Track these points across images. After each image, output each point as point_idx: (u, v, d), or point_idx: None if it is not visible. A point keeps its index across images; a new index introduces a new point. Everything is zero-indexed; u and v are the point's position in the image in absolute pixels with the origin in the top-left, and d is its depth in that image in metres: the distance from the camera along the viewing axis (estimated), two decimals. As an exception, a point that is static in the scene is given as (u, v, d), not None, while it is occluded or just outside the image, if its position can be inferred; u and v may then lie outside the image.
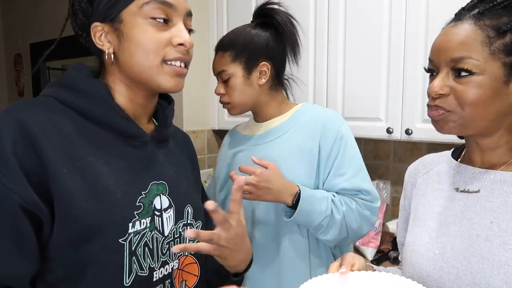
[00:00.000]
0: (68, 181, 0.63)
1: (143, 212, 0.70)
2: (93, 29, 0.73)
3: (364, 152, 2.13)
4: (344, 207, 1.15)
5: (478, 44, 0.65)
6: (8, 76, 4.41)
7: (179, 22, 0.72)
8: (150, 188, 0.73)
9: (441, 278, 0.71)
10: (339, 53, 1.77)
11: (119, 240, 0.66)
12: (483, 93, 0.65)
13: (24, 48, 4.08)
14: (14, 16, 4.22)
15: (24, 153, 0.61)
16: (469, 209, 0.72)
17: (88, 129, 0.69)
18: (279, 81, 1.24)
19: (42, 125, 0.63)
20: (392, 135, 1.65)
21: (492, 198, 0.69)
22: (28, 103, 0.66)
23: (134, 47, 0.70)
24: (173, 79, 0.73)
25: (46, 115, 0.65)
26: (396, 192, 2.04)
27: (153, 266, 0.72)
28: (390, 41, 1.63)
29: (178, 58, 0.72)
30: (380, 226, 1.84)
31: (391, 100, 1.65)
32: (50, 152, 0.62)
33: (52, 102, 0.69)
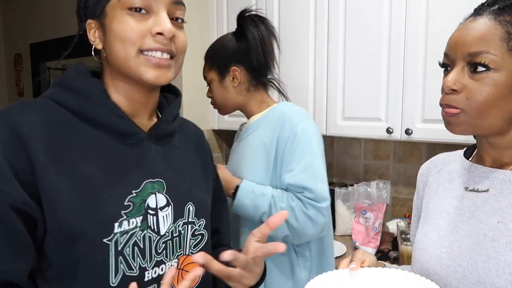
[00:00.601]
0: (55, 182, 0.64)
1: (133, 212, 0.69)
2: (88, 27, 0.73)
3: (364, 152, 2.13)
4: (284, 204, 1.18)
5: (497, 39, 0.64)
6: (8, 76, 4.41)
7: (161, 11, 0.69)
8: (144, 186, 0.72)
9: (447, 276, 0.71)
10: (339, 53, 1.77)
11: (103, 240, 0.66)
12: (496, 91, 0.64)
13: (24, 48, 4.08)
14: (14, 16, 4.22)
15: (13, 154, 0.62)
16: (478, 208, 0.72)
17: (82, 129, 0.69)
18: (258, 82, 1.33)
19: (32, 127, 0.65)
20: (392, 135, 1.65)
21: (501, 197, 0.69)
22: (22, 105, 0.68)
23: (113, 39, 0.69)
24: (153, 70, 0.70)
25: (37, 117, 0.66)
26: (396, 192, 2.04)
27: (144, 265, 0.70)
28: (390, 41, 1.63)
29: (156, 48, 0.69)
30: (380, 226, 1.84)
31: (391, 100, 1.65)
32: (39, 153, 0.63)
33: (48, 103, 0.69)
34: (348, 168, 2.20)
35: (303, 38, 1.87)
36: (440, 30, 1.47)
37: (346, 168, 2.20)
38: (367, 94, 1.71)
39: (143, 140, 0.74)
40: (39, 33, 3.85)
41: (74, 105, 0.70)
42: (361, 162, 2.15)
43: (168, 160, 0.78)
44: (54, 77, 4.15)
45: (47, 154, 0.64)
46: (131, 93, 0.74)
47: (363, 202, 1.90)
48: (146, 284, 0.70)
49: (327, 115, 1.84)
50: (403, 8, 1.59)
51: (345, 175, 2.21)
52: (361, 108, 1.73)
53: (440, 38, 1.29)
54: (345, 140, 2.20)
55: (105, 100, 0.71)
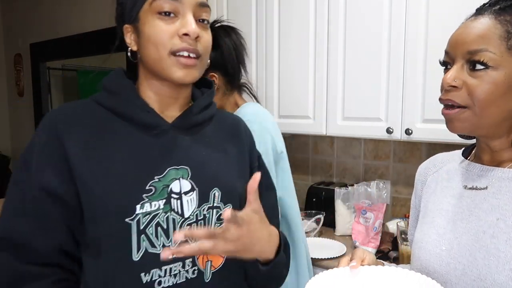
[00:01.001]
0: (85, 168, 0.74)
1: (155, 195, 0.76)
2: (124, 31, 0.83)
3: (364, 152, 2.13)
4: None
5: (496, 38, 0.65)
6: (8, 76, 4.40)
7: (187, 13, 0.76)
8: (168, 173, 0.78)
9: (447, 274, 0.72)
10: (339, 53, 1.77)
11: (126, 220, 0.73)
12: (495, 89, 0.65)
13: (24, 48, 4.08)
14: (14, 16, 4.22)
15: (50, 147, 0.75)
16: (477, 206, 0.72)
17: (114, 123, 0.79)
18: (233, 87, 1.43)
19: (67, 122, 0.77)
20: (392, 135, 1.65)
21: (500, 195, 0.70)
22: (66, 105, 0.82)
23: (146, 42, 0.77)
24: (180, 70, 0.77)
25: (74, 114, 0.79)
26: (396, 192, 2.04)
27: (168, 245, 0.76)
28: (390, 41, 1.64)
29: (183, 48, 0.76)
30: (380, 226, 1.84)
31: (391, 100, 1.65)
32: (72, 145, 0.75)
33: (88, 103, 0.82)
34: (348, 168, 2.20)
35: (303, 38, 1.87)
36: (440, 30, 1.47)
37: (346, 168, 2.20)
38: (367, 94, 1.71)
39: (167, 130, 0.81)
40: (39, 33, 3.85)
41: (109, 103, 0.80)
42: (361, 162, 2.15)
43: (195, 148, 0.83)
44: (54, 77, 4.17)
45: (81, 146, 0.75)
46: (162, 89, 0.82)
47: (363, 202, 1.90)
48: (170, 262, 0.76)
49: (327, 115, 1.84)
50: (403, 8, 1.59)
51: (345, 175, 2.21)
52: (361, 108, 1.73)
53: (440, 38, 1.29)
54: (345, 140, 2.20)
55: (134, 98, 0.81)
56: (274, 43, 1.96)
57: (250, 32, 2.01)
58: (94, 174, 0.74)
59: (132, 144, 0.78)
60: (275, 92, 1.99)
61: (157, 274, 0.76)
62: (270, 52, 1.98)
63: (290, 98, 1.95)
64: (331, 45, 1.79)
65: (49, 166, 0.74)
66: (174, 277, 0.77)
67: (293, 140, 2.38)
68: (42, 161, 0.74)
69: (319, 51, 1.83)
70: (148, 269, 0.75)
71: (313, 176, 2.33)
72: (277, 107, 1.99)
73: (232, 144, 0.91)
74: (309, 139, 2.33)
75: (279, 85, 1.98)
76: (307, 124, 1.90)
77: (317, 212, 2.02)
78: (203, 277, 0.80)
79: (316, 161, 2.32)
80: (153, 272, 0.75)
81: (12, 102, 4.43)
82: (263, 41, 1.99)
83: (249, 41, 2.03)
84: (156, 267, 0.76)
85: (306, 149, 2.35)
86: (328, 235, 1.96)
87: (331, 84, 1.81)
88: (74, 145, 0.75)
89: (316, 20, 1.83)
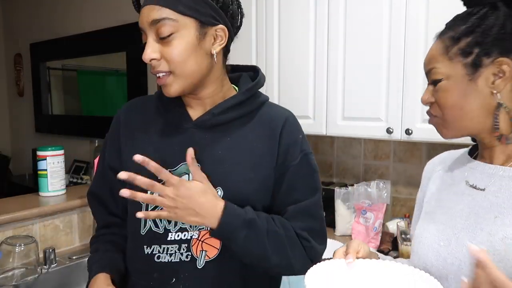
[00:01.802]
0: (126, 153, 0.93)
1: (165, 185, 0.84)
2: None
3: (364, 152, 2.13)
4: None
5: (439, 55, 0.75)
6: (8, 76, 4.41)
7: (149, 38, 0.84)
8: (180, 167, 0.88)
9: (444, 268, 0.74)
10: (339, 53, 1.77)
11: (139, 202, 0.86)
12: (452, 94, 0.73)
13: (24, 48, 4.08)
14: (14, 16, 4.22)
15: (115, 133, 0.97)
16: (477, 203, 0.74)
17: (157, 118, 0.94)
18: None
19: (126, 115, 0.98)
20: (392, 135, 1.65)
21: (499, 193, 0.72)
22: (135, 99, 1.02)
23: None
24: (162, 87, 0.88)
25: (133, 108, 0.99)
26: (396, 192, 2.04)
27: (169, 228, 0.89)
28: (390, 41, 1.63)
29: (152, 72, 0.87)
30: (380, 226, 1.84)
31: (391, 100, 1.65)
32: (123, 133, 0.96)
33: (149, 98, 1.00)
34: (348, 168, 2.20)
35: (303, 38, 1.87)
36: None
37: (346, 168, 2.20)
38: (367, 94, 1.71)
39: (188, 129, 0.91)
40: (39, 33, 3.85)
41: (157, 100, 0.96)
42: (361, 162, 2.15)
43: (211, 148, 0.90)
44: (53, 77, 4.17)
45: (128, 134, 0.95)
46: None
47: (363, 202, 1.90)
48: (168, 242, 0.89)
49: (327, 115, 1.84)
50: (403, 8, 1.59)
51: (345, 175, 2.21)
52: (361, 108, 1.73)
53: (440, 38, 1.29)
54: (345, 140, 2.20)
55: (173, 98, 0.90)
56: (274, 43, 1.96)
57: (250, 32, 2.01)
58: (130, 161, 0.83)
59: (162, 139, 0.92)
60: (275, 92, 1.99)
61: (157, 249, 0.89)
62: (270, 52, 1.98)
63: (290, 98, 1.95)
64: (331, 45, 1.79)
65: (113, 148, 0.97)
66: (169, 256, 0.89)
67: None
68: (108, 143, 0.98)
69: (319, 51, 1.83)
70: (149, 244, 0.90)
71: (313, 176, 2.33)
72: (277, 107, 1.99)
73: (263, 143, 0.91)
74: (309, 139, 2.32)
75: (279, 85, 1.98)
76: (307, 124, 1.90)
77: (317, 212, 2.01)
78: (196, 263, 0.88)
79: (316, 161, 2.32)
80: (154, 247, 0.90)
81: (12, 102, 4.43)
82: (263, 41, 1.99)
83: (249, 41, 2.03)
84: (156, 244, 0.89)
85: (306, 149, 2.34)
86: (328, 235, 1.94)
87: (331, 84, 1.81)
88: (125, 134, 0.95)
89: (316, 20, 1.82)
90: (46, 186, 1.65)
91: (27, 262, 1.41)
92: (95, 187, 1.03)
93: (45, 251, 1.46)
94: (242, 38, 1.04)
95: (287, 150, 0.93)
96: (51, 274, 1.45)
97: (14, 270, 1.39)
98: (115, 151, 0.96)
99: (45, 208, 1.53)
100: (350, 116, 1.77)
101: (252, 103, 0.93)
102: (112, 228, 1.02)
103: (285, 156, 0.92)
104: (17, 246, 1.39)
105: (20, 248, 1.40)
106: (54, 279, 1.46)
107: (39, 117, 4.03)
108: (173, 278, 0.89)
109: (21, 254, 1.40)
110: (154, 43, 0.82)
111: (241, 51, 2.06)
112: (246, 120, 0.92)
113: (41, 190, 1.66)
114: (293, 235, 0.90)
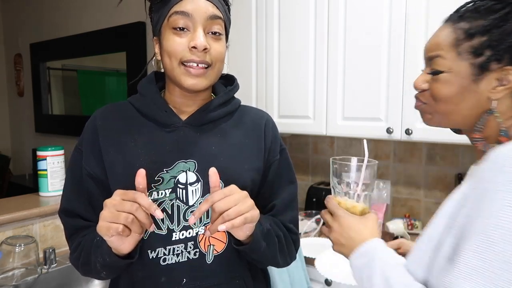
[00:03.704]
0: (112, 158, 0.89)
1: (162, 185, 0.87)
2: (154, 42, 0.94)
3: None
4: None
5: (447, 45, 0.72)
6: (8, 76, 4.41)
7: (198, 28, 0.84)
8: (176, 165, 0.88)
9: None
10: (339, 53, 1.77)
11: None
12: (451, 89, 0.72)
13: (24, 48, 4.08)
14: (14, 16, 4.22)
15: (92, 140, 0.92)
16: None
17: (138, 122, 0.92)
18: None
19: (103, 120, 0.93)
20: (392, 135, 1.65)
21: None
22: (108, 105, 0.97)
23: (163, 52, 0.87)
24: (190, 78, 0.86)
25: (111, 113, 0.94)
26: (396, 192, 2.04)
27: (172, 228, 0.88)
28: (390, 41, 1.63)
29: (192, 59, 0.85)
30: (380, 226, 1.84)
31: (391, 100, 1.65)
32: (104, 138, 0.91)
33: (124, 104, 0.96)
34: (348, 168, 2.20)
35: (303, 37, 1.87)
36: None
37: (346, 168, 2.20)
38: (367, 94, 1.71)
39: (180, 128, 0.91)
40: (39, 33, 3.85)
41: (137, 104, 0.94)
42: (361, 162, 2.15)
43: (205, 143, 0.92)
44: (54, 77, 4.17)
45: (110, 139, 0.91)
46: (180, 92, 0.92)
47: (363, 202, 1.90)
48: (173, 243, 0.88)
49: (327, 115, 1.84)
50: (403, 8, 1.59)
51: (345, 175, 2.20)
52: (361, 108, 1.73)
53: (440, 38, 1.28)
54: (345, 140, 2.20)
55: (156, 99, 0.93)
56: (274, 43, 1.96)
57: (250, 32, 2.01)
58: (118, 165, 0.88)
59: (150, 140, 0.90)
60: (275, 92, 1.99)
61: (162, 252, 0.88)
62: (270, 52, 1.98)
63: (290, 98, 1.95)
64: (331, 45, 1.79)
65: (92, 155, 0.91)
66: (176, 256, 0.88)
67: (293, 140, 2.38)
68: (85, 151, 0.92)
69: (319, 51, 1.83)
70: (154, 247, 0.87)
71: (313, 176, 2.33)
72: (277, 107, 1.99)
73: (250, 139, 0.97)
74: (309, 139, 2.33)
75: (279, 85, 1.98)
76: (307, 124, 1.90)
77: (317, 212, 2.02)
78: (205, 258, 0.89)
79: (316, 161, 2.32)
80: (158, 250, 0.87)
81: (12, 102, 4.43)
82: (263, 41, 1.99)
83: (249, 41, 2.03)
84: (161, 246, 0.87)
85: (306, 149, 2.35)
86: (328, 235, 1.96)
87: (331, 84, 1.81)
88: (106, 139, 0.91)
89: (316, 20, 1.82)
90: (46, 186, 1.65)
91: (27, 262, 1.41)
92: (67, 203, 0.95)
93: (45, 251, 1.46)
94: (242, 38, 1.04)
95: (270, 146, 0.99)
96: (51, 274, 1.45)
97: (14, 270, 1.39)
98: (94, 158, 0.91)
99: (45, 208, 1.53)
100: (350, 116, 1.77)
101: (232, 104, 0.98)
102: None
103: (269, 151, 0.98)
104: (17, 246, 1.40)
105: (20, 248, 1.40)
106: (54, 279, 1.46)
107: (39, 117, 4.03)
108: (183, 279, 0.88)
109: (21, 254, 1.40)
110: (204, 35, 0.85)
111: (241, 51, 2.06)
112: (228, 119, 0.97)
113: (41, 190, 1.66)
114: (286, 234, 0.97)
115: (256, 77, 2.03)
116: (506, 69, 0.68)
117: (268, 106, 2.00)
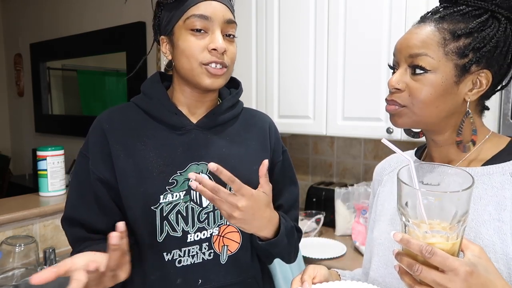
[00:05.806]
0: (123, 163, 0.89)
1: (176, 187, 0.88)
2: (161, 41, 0.93)
3: (364, 152, 2.13)
4: None
5: (434, 44, 0.71)
6: (8, 76, 4.41)
7: (216, 30, 0.87)
8: (189, 167, 0.90)
9: None
10: (339, 53, 1.77)
11: (151, 208, 0.87)
12: (434, 91, 0.71)
13: (24, 48, 4.08)
14: (14, 16, 4.22)
15: (100, 144, 0.90)
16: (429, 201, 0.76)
17: (148, 124, 0.92)
18: None
19: (111, 123, 0.92)
20: (392, 135, 1.65)
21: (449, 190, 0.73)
22: (112, 108, 0.96)
23: (180, 54, 0.88)
24: (209, 78, 0.88)
25: (117, 116, 0.93)
26: (396, 192, 2.04)
27: (187, 230, 0.89)
28: (390, 41, 1.64)
29: (212, 61, 0.86)
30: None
31: (391, 100, 1.65)
32: (113, 142, 0.90)
33: (129, 105, 0.95)
34: (348, 168, 2.20)
35: (303, 37, 1.87)
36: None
37: (346, 168, 2.20)
38: (367, 94, 1.71)
39: (191, 130, 0.92)
40: (39, 33, 3.85)
41: (144, 106, 0.93)
42: (361, 162, 2.15)
43: (216, 145, 0.94)
44: (53, 77, 4.17)
45: (120, 143, 0.90)
46: (191, 93, 0.93)
47: (363, 202, 1.90)
48: (188, 244, 0.89)
49: (327, 115, 1.84)
50: (402, 8, 1.59)
51: (345, 175, 2.21)
52: (361, 108, 1.73)
53: (440, 38, 1.28)
54: (345, 140, 2.20)
55: (165, 101, 0.93)
56: (274, 43, 1.96)
57: (250, 32, 2.01)
58: (130, 169, 0.88)
59: (161, 143, 0.91)
60: (275, 92, 1.99)
61: (177, 254, 0.89)
62: (270, 52, 1.97)
63: (290, 98, 1.95)
64: (331, 45, 1.79)
65: (100, 159, 0.89)
66: (192, 258, 0.90)
67: (293, 140, 2.38)
68: (95, 154, 0.90)
69: (319, 51, 1.83)
70: (169, 249, 0.88)
71: (313, 176, 2.33)
72: (277, 107, 1.99)
73: (256, 141, 1.00)
74: (309, 139, 2.33)
75: (279, 85, 1.98)
76: (307, 124, 1.90)
77: (317, 212, 2.02)
78: (219, 259, 0.91)
79: (316, 161, 2.32)
80: (174, 252, 0.89)
81: (12, 102, 4.43)
82: (263, 41, 1.99)
83: (249, 41, 2.03)
84: (176, 248, 0.89)
85: (306, 149, 2.35)
86: (328, 235, 1.96)
87: (331, 84, 1.81)
88: (115, 143, 0.90)
89: (316, 20, 1.82)
90: (46, 186, 1.65)
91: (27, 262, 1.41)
92: (71, 210, 0.93)
93: (45, 251, 1.46)
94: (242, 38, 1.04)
95: (275, 147, 1.02)
96: (51, 274, 1.45)
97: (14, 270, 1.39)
98: (103, 162, 0.89)
99: (45, 208, 1.53)
100: (350, 116, 1.77)
101: (238, 107, 1.01)
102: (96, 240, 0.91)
103: (273, 152, 1.02)
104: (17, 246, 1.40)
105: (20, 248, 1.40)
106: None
107: (39, 117, 4.03)
108: (199, 280, 0.90)
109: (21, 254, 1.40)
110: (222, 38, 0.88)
111: (241, 51, 2.07)
112: (235, 121, 0.99)
113: (41, 190, 1.66)
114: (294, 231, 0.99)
115: (256, 77, 2.03)
116: (483, 72, 0.71)
117: (268, 106, 2.00)
